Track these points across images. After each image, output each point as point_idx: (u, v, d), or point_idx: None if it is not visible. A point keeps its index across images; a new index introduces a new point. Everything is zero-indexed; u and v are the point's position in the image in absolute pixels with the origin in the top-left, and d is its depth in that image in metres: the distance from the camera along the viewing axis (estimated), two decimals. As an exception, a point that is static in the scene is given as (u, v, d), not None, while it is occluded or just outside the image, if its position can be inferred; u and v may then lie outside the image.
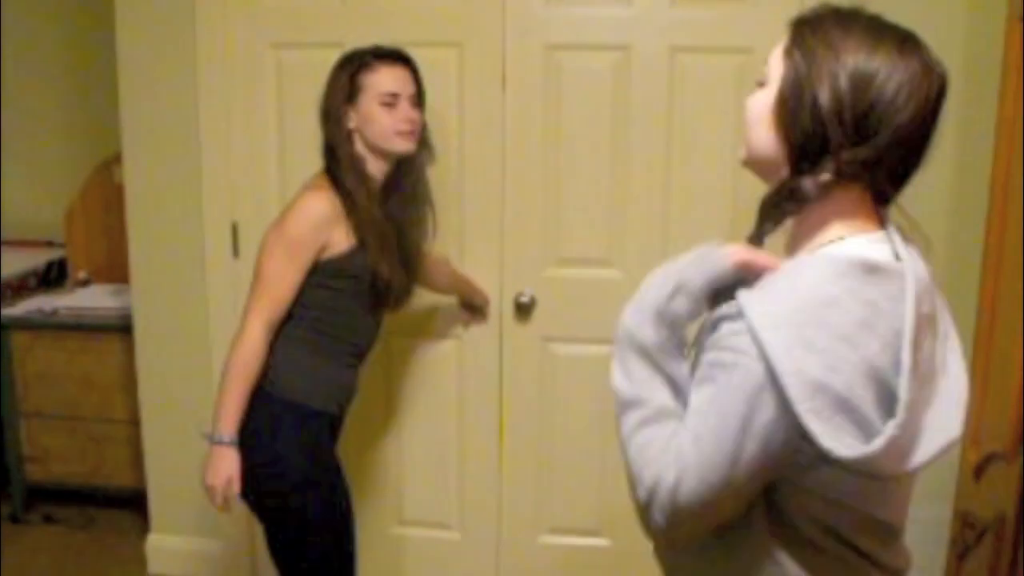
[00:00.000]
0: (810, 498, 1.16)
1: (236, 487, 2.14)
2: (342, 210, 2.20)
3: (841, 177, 1.14)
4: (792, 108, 1.16)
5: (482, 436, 2.99)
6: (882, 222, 1.21)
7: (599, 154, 2.78)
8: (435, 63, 2.72)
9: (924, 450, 1.10)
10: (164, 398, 3.15)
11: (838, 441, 1.05)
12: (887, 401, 1.07)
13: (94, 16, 3.64)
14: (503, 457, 3.00)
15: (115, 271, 3.68)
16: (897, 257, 1.16)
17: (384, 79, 2.27)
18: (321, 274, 2.20)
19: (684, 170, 2.74)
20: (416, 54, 2.39)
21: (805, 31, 1.17)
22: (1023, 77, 2.03)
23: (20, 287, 3.72)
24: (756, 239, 1.23)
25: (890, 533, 1.23)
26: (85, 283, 3.84)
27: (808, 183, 1.15)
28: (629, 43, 2.70)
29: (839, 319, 1.07)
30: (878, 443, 1.05)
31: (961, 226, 2.58)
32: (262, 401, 2.17)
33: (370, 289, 2.26)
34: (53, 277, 3.89)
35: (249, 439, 2.15)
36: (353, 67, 2.27)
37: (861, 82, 1.12)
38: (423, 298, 2.76)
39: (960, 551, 2.21)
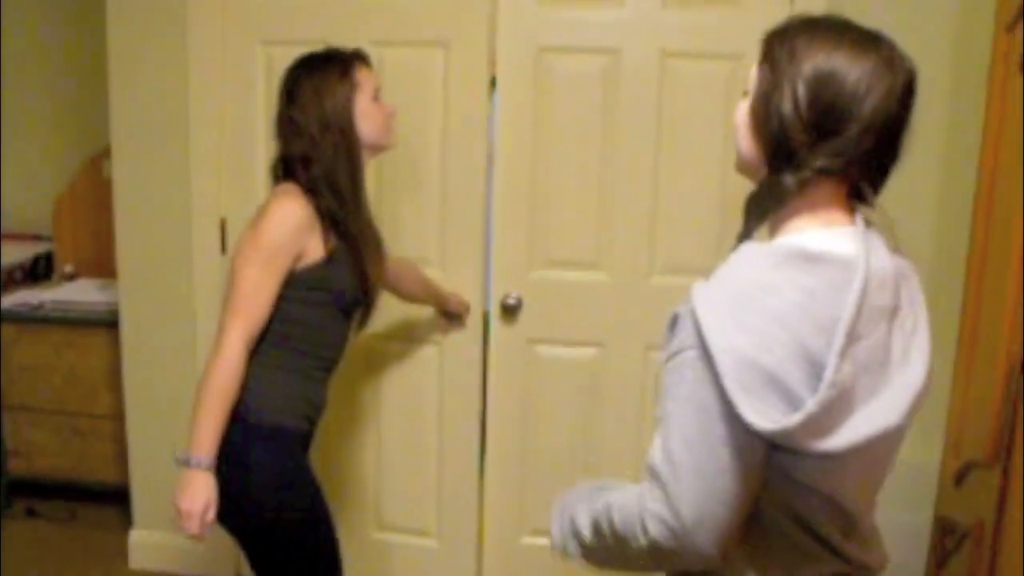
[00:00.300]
0: (771, 472, 1.19)
1: (212, 513, 2.04)
2: (316, 218, 2.11)
3: (813, 171, 1.19)
4: (761, 116, 1.23)
5: (464, 438, 2.99)
6: (853, 217, 1.25)
7: (587, 157, 2.78)
8: (421, 62, 2.72)
9: (855, 431, 1.14)
10: (149, 394, 3.15)
11: (761, 414, 1.10)
12: (819, 382, 1.11)
13: (85, 11, 3.64)
14: (486, 457, 3.00)
15: (102, 266, 3.68)
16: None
17: (370, 75, 2.22)
18: (294, 286, 2.10)
19: (672, 173, 2.75)
20: (403, 53, 2.39)
21: (774, 43, 1.24)
22: (1021, 83, 2.04)
23: (7, 280, 3.70)
24: (744, 236, 1.27)
25: (849, 522, 1.26)
26: (72, 277, 3.83)
27: (787, 179, 1.20)
28: (620, 47, 2.71)
29: (775, 303, 1.13)
30: (796, 417, 1.09)
31: (946, 236, 2.60)
32: (233, 423, 2.06)
33: (348, 300, 2.19)
34: (40, 271, 3.88)
35: (222, 463, 2.04)
36: (341, 67, 2.17)
37: (819, 82, 1.18)
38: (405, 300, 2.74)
39: (940, 557, 2.23)
